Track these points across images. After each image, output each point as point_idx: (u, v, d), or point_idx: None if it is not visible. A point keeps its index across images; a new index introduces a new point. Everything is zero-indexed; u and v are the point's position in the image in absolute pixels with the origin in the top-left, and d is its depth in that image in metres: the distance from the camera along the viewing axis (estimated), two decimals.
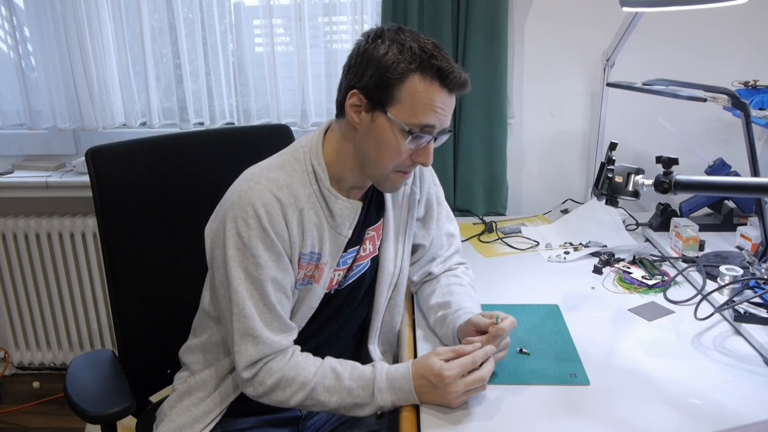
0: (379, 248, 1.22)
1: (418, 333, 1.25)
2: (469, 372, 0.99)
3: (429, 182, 1.29)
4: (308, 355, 1.08)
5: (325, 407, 1.03)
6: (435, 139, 1.06)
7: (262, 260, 1.02)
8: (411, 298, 1.40)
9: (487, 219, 1.91)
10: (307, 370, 1.03)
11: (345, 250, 1.13)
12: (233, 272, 1.02)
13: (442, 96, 1.02)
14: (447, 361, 1.00)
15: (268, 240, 1.02)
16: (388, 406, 1.02)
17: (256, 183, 1.04)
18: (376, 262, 1.22)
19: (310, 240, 1.07)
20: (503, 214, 2.02)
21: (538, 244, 1.70)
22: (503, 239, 1.74)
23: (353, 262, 1.17)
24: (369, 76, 1.01)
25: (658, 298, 1.36)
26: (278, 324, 1.05)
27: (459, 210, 2.01)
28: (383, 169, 1.06)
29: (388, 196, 1.20)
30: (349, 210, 1.11)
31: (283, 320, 1.06)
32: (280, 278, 1.04)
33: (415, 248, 1.32)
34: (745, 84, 1.72)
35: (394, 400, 1.01)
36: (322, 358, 1.21)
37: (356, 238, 1.15)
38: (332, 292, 1.16)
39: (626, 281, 1.44)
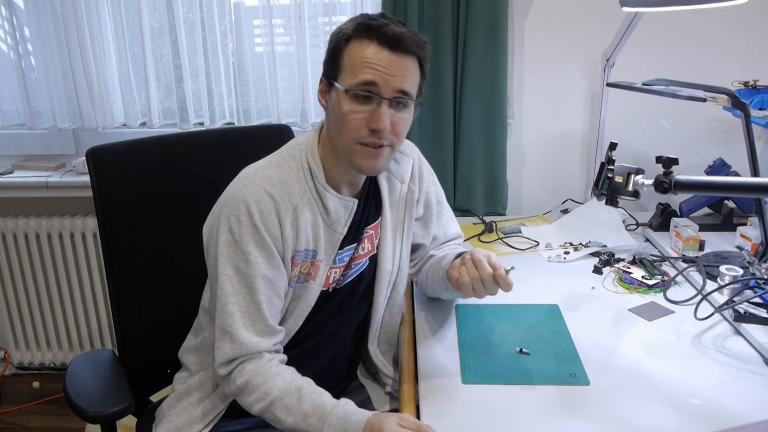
0: (377, 247, 1.22)
1: (418, 333, 1.25)
2: None
3: (428, 182, 1.29)
4: (286, 369, 1.04)
5: (281, 425, 0.99)
6: (391, 104, 1.01)
7: (252, 257, 1.02)
8: (411, 298, 1.40)
9: (487, 219, 1.91)
10: (274, 382, 1.00)
11: (341, 248, 1.13)
12: (221, 268, 1.03)
13: (380, 53, 1.00)
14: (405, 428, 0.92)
15: (259, 237, 1.02)
16: None
17: (250, 181, 1.04)
18: (375, 261, 1.22)
19: (304, 237, 1.07)
20: (503, 214, 2.02)
21: (538, 244, 1.70)
22: (503, 239, 1.74)
23: (351, 260, 1.17)
24: (325, 58, 1.06)
25: (658, 298, 1.36)
26: (262, 325, 1.04)
27: (459, 210, 2.01)
28: (346, 144, 1.04)
29: (385, 195, 1.20)
30: (344, 207, 1.11)
31: (266, 321, 1.04)
32: (271, 276, 1.04)
33: (415, 248, 1.32)
34: (745, 84, 1.72)
35: None
36: (323, 357, 1.21)
37: (353, 236, 1.15)
38: (330, 290, 1.16)
39: (626, 281, 1.44)
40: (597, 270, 1.51)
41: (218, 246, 1.03)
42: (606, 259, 1.53)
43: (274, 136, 1.49)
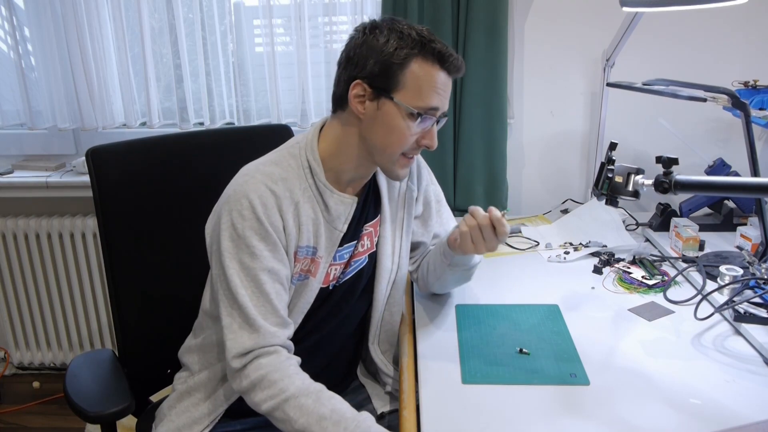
0: (376, 244, 1.22)
1: (418, 333, 1.25)
2: None
3: (427, 180, 1.30)
4: (304, 374, 1.03)
5: (288, 426, 0.96)
6: (437, 122, 1.09)
7: (257, 250, 1.02)
8: (411, 297, 1.40)
9: None
10: (292, 380, 0.99)
11: (341, 245, 1.14)
12: (227, 263, 1.02)
13: (442, 78, 1.05)
14: None
15: (263, 230, 1.02)
16: None
17: (251, 177, 1.05)
18: (374, 258, 1.22)
19: (306, 234, 1.08)
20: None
21: (538, 244, 1.69)
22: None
23: (351, 257, 1.17)
24: (372, 65, 1.03)
25: (658, 298, 1.36)
26: (274, 317, 1.03)
27: (459, 210, 2.00)
28: (392, 155, 1.08)
29: (384, 193, 1.21)
30: (345, 205, 1.12)
31: (278, 313, 1.04)
32: (276, 268, 1.04)
33: (415, 245, 1.32)
34: (745, 84, 1.72)
35: None
36: (323, 355, 1.21)
37: (353, 233, 1.16)
38: (330, 287, 1.16)
39: (626, 281, 1.44)
40: (597, 270, 1.51)
41: (221, 242, 1.03)
42: (606, 259, 1.53)
43: (274, 136, 1.49)
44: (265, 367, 1.00)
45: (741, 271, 1.32)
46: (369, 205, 1.19)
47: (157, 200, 1.31)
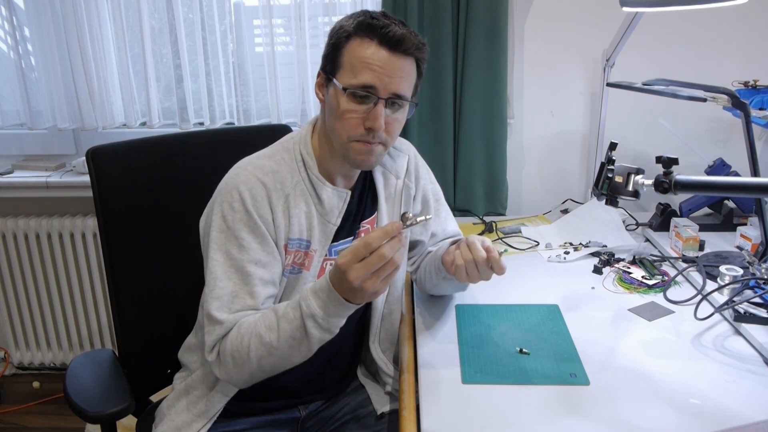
0: None
1: (418, 333, 1.25)
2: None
3: (425, 179, 1.30)
4: (255, 311, 1.05)
5: (276, 349, 0.98)
6: (387, 104, 1.03)
7: (245, 242, 1.03)
8: (411, 297, 1.40)
9: (487, 219, 1.91)
10: (248, 319, 1.02)
11: (336, 240, 1.14)
12: (212, 254, 1.04)
13: (380, 54, 1.01)
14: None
15: (252, 222, 1.03)
16: (318, 313, 0.94)
17: (242, 170, 1.06)
18: None
19: (297, 226, 1.08)
20: (503, 214, 2.02)
21: (538, 244, 1.69)
22: (503, 239, 1.74)
23: None
24: (325, 50, 1.06)
25: (658, 298, 1.36)
26: (248, 310, 1.04)
27: (459, 210, 2.01)
28: (339, 138, 1.06)
29: (381, 190, 1.20)
30: (338, 198, 1.12)
31: (255, 306, 1.04)
32: (264, 261, 1.05)
33: (414, 244, 1.32)
34: (745, 84, 1.72)
35: (320, 304, 0.95)
36: (322, 354, 1.21)
37: (349, 230, 1.16)
38: None
39: (626, 281, 1.44)
40: (597, 270, 1.51)
41: (211, 233, 1.04)
42: (606, 259, 1.53)
43: (274, 136, 1.47)
44: (230, 338, 1.01)
45: (741, 271, 1.32)
46: (366, 201, 1.20)
47: (157, 200, 1.31)
